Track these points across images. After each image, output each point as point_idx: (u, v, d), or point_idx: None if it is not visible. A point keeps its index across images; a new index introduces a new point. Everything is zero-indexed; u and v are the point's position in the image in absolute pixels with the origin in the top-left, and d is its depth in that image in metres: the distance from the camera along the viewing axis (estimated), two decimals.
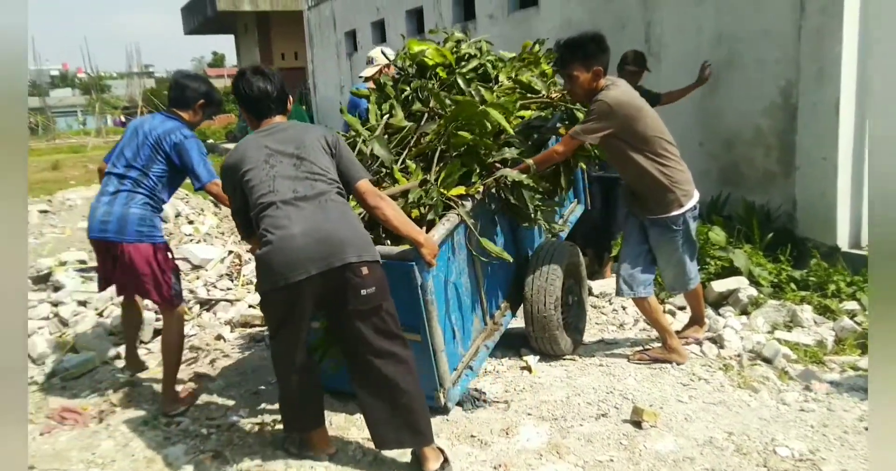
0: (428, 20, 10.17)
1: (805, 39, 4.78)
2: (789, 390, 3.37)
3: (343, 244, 2.57)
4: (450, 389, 3.12)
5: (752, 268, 4.55)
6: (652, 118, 3.45)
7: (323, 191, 2.67)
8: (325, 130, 2.91)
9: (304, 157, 2.71)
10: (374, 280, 2.61)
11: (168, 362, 3.42)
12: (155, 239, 3.41)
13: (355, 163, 2.83)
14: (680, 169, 3.51)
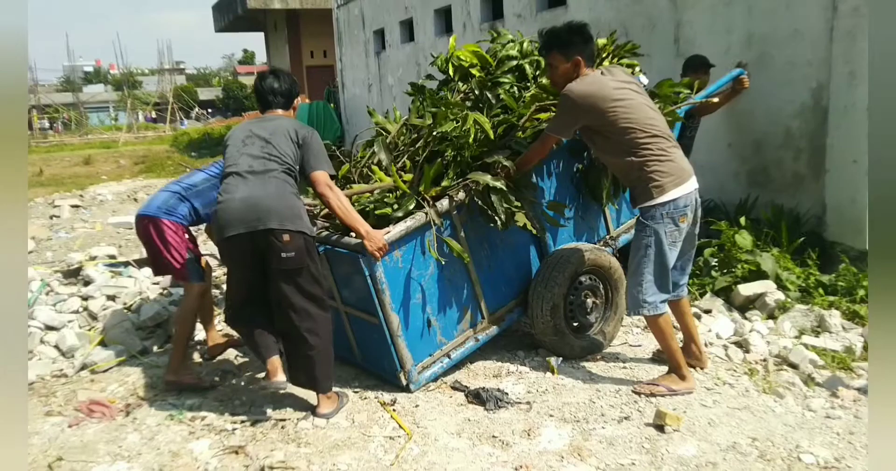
0: (456, 19, 10.17)
1: (837, 40, 4.70)
2: (815, 397, 3.33)
3: (269, 213, 3.09)
4: (411, 371, 3.47)
5: (779, 272, 4.49)
6: (629, 110, 3.24)
7: (271, 169, 3.19)
8: (302, 126, 3.37)
9: (270, 141, 3.25)
10: (293, 247, 3.10)
11: (177, 334, 3.76)
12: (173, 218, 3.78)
13: (319, 156, 3.29)
14: (660, 160, 3.24)
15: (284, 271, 3.14)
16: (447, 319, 3.65)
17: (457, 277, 3.65)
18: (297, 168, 3.28)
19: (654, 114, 3.34)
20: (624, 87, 3.32)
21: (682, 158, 3.32)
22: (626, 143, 3.27)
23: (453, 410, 3.32)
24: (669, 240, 3.28)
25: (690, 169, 3.34)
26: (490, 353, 4.01)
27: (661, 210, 3.25)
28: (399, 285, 3.41)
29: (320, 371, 3.26)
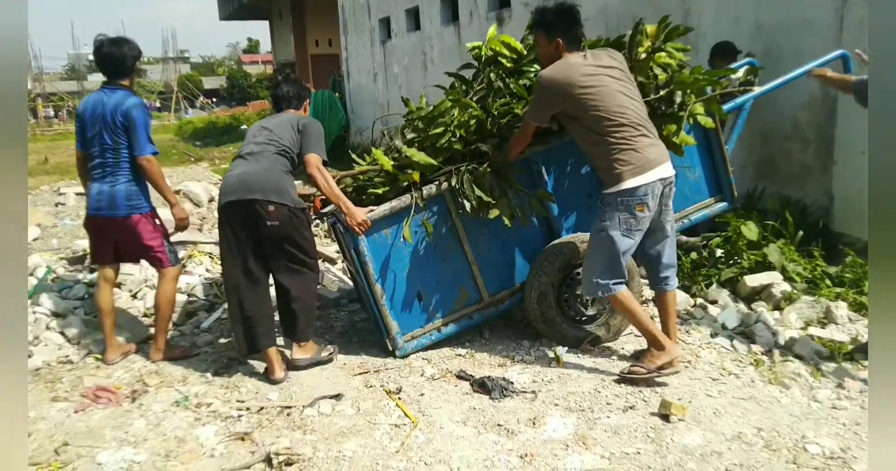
0: (462, 8, 10.11)
1: (847, 30, 4.65)
2: (821, 388, 3.32)
3: (256, 185, 3.50)
4: (396, 338, 3.78)
5: (785, 263, 4.47)
6: (598, 97, 3.23)
7: (265, 151, 3.64)
8: (304, 118, 3.81)
9: (273, 130, 3.71)
10: (277, 216, 3.49)
11: (161, 317, 3.91)
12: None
13: (314, 142, 3.67)
14: (622, 149, 3.22)
15: (270, 238, 3.55)
16: (441, 296, 3.89)
17: (452, 256, 3.87)
18: (294, 151, 3.67)
19: (627, 101, 3.28)
20: (599, 72, 3.28)
21: (649, 147, 3.26)
22: (594, 130, 3.28)
23: (458, 398, 3.32)
24: (623, 227, 3.28)
25: (658, 159, 3.27)
26: (496, 342, 4.01)
27: (617, 198, 3.26)
28: (385, 259, 3.74)
29: (300, 323, 3.68)
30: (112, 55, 3.76)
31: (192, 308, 4.65)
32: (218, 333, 4.30)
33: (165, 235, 3.95)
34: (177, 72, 40.47)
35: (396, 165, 3.84)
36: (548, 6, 3.46)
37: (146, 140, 3.74)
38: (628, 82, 3.37)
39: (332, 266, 5.71)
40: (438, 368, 3.69)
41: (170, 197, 3.89)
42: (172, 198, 3.92)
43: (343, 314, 4.73)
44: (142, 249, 3.88)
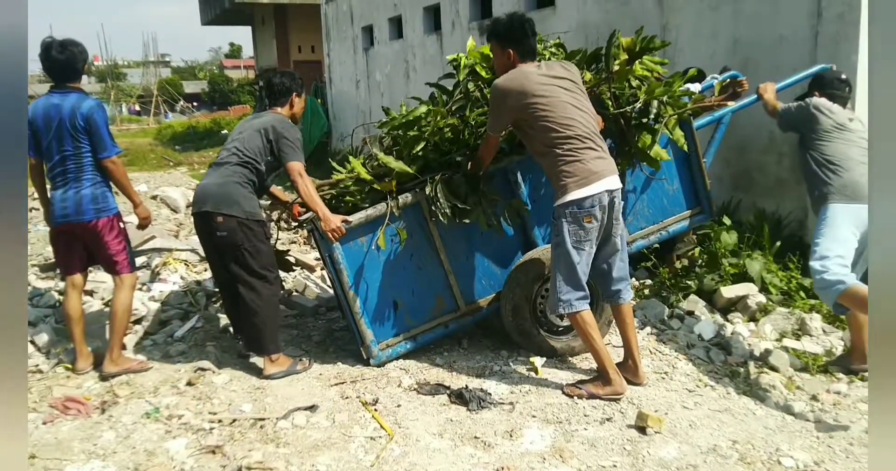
0: (445, 17, 10.14)
1: (822, 46, 4.73)
2: (796, 400, 3.34)
3: (208, 197, 3.63)
4: (371, 347, 3.77)
5: (764, 274, 4.51)
6: (547, 107, 3.23)
7: (228, 161, 3.70)
8: (280, 122, 3.75)
9: (243, 138, 3.75)
10: (225, 228, 3.59)
11: (117, 327, 3.80)
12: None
13: (291, 149, 3.68)
14: (567, 161, 3.23)
15: (222, 248, 3.67)
16: (416, 304, 3.89)
17: (429, 265, 3.87)
18: (261, 161, 3.72)
19: (576, 113, 3.27)
20: (551, 83, 3.28)
21: (595, 159, 3.25)
22: (543, 140, 3.29)
23: (436, 410, 3.30)
24: (573, 239, 3.27)
25: (605, 171, 3.26)
26: (474, 352, 4.00)
27: (565, 209, 3.26)
28: (360, 267, 3.76)
29: (263, 337, 3.71)
30: (61, 59, 3.64)
31: (165, 317, 4.58)
32: (192, 342, 4.24)
33: (128, 241, 3.87)
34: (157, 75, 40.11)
35: (373, 174, 3.83)
36: (499, 18, 3.47)
37: (109, 141, 3.66)
38: (580, 94, 3.37)
39: (311, 274, 5.67)
40: (416, 378, 3.67)
41: (134, 197, 3.85)
42: (136, 198, 3.87)
43: (321, 323, 4.69)
44: (104, 254, 3.78)
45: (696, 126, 4.14)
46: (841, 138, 3.56)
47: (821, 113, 3.63)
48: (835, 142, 3.55)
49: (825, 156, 3.55)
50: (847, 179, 3.44)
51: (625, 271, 3.49)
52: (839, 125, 3.59)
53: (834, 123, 3.59)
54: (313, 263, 5.80)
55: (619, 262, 3.46)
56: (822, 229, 3.41)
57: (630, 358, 3.51)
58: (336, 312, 4.80)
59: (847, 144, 3.54)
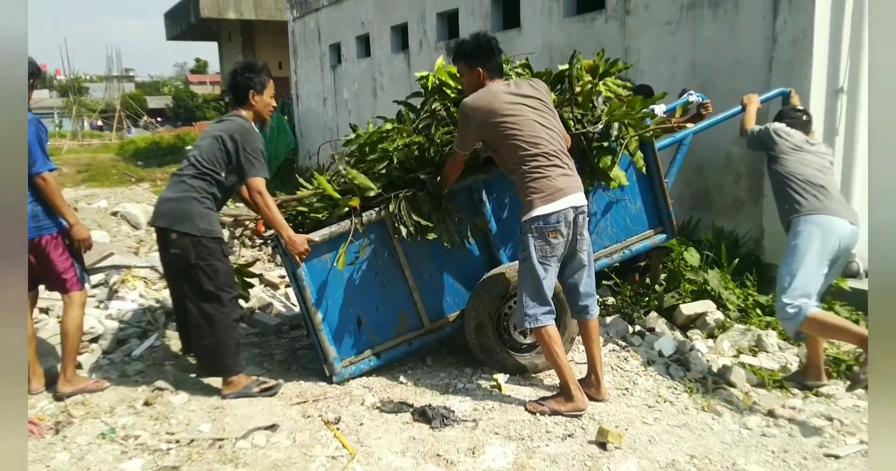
0: (413, 37, 10.22)
1: (776, 71, 4.90)
2: (752, 415, 3.41)
3: (164, 213, 3.53)
4: (334, 364, 3.75)
5: (721, 291, 4.61)
6: (515, 125, 3.29)
7: (185, 174, 3.55)
8: (238, 130, 3.53)
9: (201, 146, 3.57)
10: (179, 245, 3.47)
11: (69, 346, 3.69)
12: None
13: (250, 163, 3.50)
14: (534, 178, 3.29)
15: (176, 266, 3.56)
16: (380, 321, 3.88)
17: (393, 282, 3.87)
18: (217, 170, 3.54)
19: (542, 132, 3.33)
20: (519, 101, 3.34)
21: (561, 176, 3.31)
22: (511, 158, 3.35)
23: (398, 428, 3.28)
24: (539, 254, 3.32)
25: (570, 187, 3.32)
26: (438, 369, 4.00)
27: (531, 225, 3.31)
28: (324, 284, 3.73)
29: (216, 358, 3.60)
30: None
31: (123, 335, 4.48)
32: (150, 361, 4.16)
33: (76, 257, 3.74)
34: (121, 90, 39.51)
35: (339, 190, 3.83)
36: (465, 38, 3.54)
37: (41, 157, 3.49)
38: (547, 113, 3.42)
39: (275, 291, 5.62)
40: (380, 396, 3.65)
41: (69, 217, 3.66)
42: (72, 217, 3.67)
43: (284, 341, 4.64)
44: (49, 273, 3.64)
45: (658, 147, 4.24)
46: (797, 160, 3.73)
47: (778, 136, 3.81)
48: (792, 162, 3.73)
49: (785, 174, 3.72)
50: (807, 196, 3.61)
51: (591, 287, 3.54)
52: (796, 147, 3.77)
53: (791, 145, 3.78)
54: (277, 280, 5.75)
55: (585, 278, 3.50)
56: (789, 258, 3.55)
57: (593, 374, 3.55)
58: (299, 330, 4.76)
59: (804, 165, 3.71)
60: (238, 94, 3.66)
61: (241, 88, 3.64)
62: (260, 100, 3.67)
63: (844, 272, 4.81)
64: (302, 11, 14.34)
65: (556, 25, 7.20)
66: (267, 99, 3.70)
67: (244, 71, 3.64)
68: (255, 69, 3.66)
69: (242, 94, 3.64)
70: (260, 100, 3.67)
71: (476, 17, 8.55)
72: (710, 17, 5.41)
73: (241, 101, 3.66)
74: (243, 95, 3.64)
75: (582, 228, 3.40)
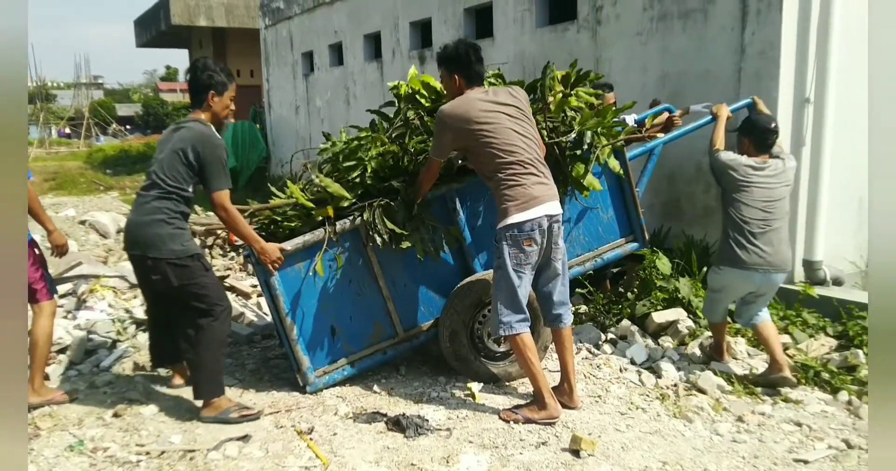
0: (385, 46, 10.24)
1: (744, 81, 5.00)
2: (723, 421, 3.45)
3: (137, 239, 3.37)
4: (307, 373, 3.73)
5: (692, 298, 4.67)
6: (491, 133, 3.30)
7: (150, 193, 3.36)
8: (197, 140, 3.32)
9: (162, 161, 3.37)
10: (158, 271, 3.34)
11: (37, 357, 3.63)
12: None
13: (215, 174, 3.33)
14: (508, 186, 3.30)
15: (158, 291, 3.45)
16: (354, 330, 3.87)
17: (367, 291, 3.86)
18: (183, 186, 3.37)
19: (518, 140, 3.33)
20: (496, 109, 3.35)
21: (535, 184, 3.32)
22: (488, 165, 3.37)
23: (372, 437, 3.26)
24: (514, 262, 3.33)
25: (545, 196, 3.32)
26: (412, 378, 3.99)
27: (505, 232, 3.32)
28: (297, 293, 3.71)
29: (200, 377, 3.47)
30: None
31: (91, 346, 4.40)
32: (119, 372, 4.08)
33: (45, 267, 3.70)
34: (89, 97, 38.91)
35: (312, 199, 3.82)
36: (448, 44, 3.56)
37: None
38: (524, 121, 3.42)
39: (247, 301, 5.56)
40: (353, 405, 3.63)
41: (47, 224, 3.68)
42: (50, 224, 3.70)
43: (256, 351, 4.59)
44: None
45: (629, 157, 4.29)
46: (742, 200, 3.81)
47: (727, 170, 3.87)
48: (738, 203, 3.82)
49: (730, 216, 3.85)
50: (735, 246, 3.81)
51: (565, 296, 3.56)
52: (743, 182, 3.82)
53: (739, 181, 3.83)
54: (249, 289, 5.69)
55: (560, 286, 3.52)
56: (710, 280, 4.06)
57: (566, 381, 3.56)
58: (272, 339, 4.72)
59: (746, 205, 3.80)
60: (196, 93, 3.42)
61: (200, 88, 3.41)
62: (219, 101, 3.44)
63: (811, 280, 4.92)
64: (274, 19, 14.29)
65: (528, 35, 7.27)
66: (227, 101, 3.47)
67: (204, 69, 3.41)
68: (215, 69, 3.43)
69: (201, 94, 3.41)
70: (219, 101, 3.44)
71: (449, 27, 8.60)
72: (679, 29, 5.51)
73: (199, 102, 3.43)
74: (202, 96, 3.41)
75: (557, 237, 3.42)
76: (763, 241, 3.76)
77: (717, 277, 3.96)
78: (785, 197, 3.85)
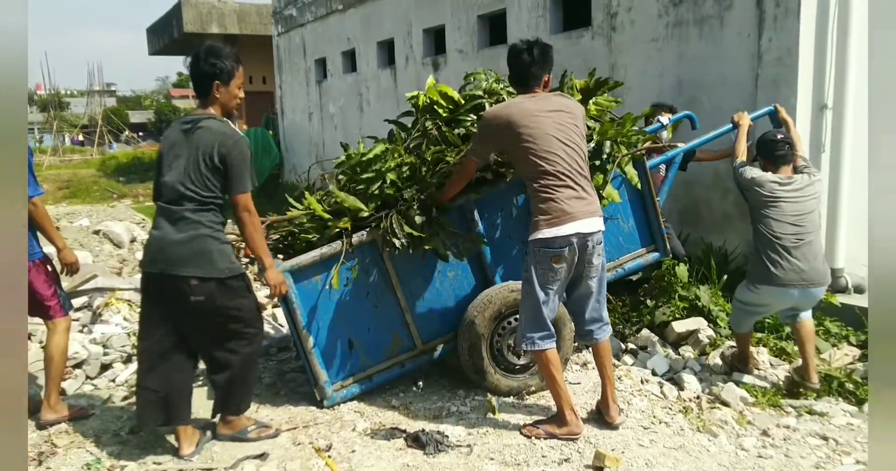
0: (399, 53, 10.23)
1: (762, 88, 4.94)
2: (747, 435, 3.39)
3: (178, 258, 3.03)
4: (325, 387, 3.68)
5: (712, 307, 4.61)
6: (531, 139, 3.18)
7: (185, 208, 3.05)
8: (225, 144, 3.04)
9: (188, 168, 3.05)
10: (202, 291, 3.05)
11: (53, 373, 3.58)
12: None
13: (240, 177, 3.08)
14: (541, 198, 3.19)
15: (197, 314, 3.12)
16: (372, 343, 3.82)
17: (385, 304, 3.82)
18: (217, 196, 3.11)
19: (559, 149, 3.18)
20: (541, 115, 3.21)
21: (571, 199, 3.17)
22: (525, 172, 3.27)
23: (391, 455, 3.22)
24: (541, 278, 3.23)
25: (579, 212, 3.17)
26: (431, 392, 3.95)
27: (535, 247, 3.23)
28: (314, 306, 3.67)
29: (232, 395, 3.31)
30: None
31: (107, 360, 4.39)
32: (135, 387, 4.06)
33: (58, 283, 3.68)
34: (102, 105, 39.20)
35: (329, 211, 3.79)
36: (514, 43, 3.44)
37: (31, 181, 3.42)
38: (571, 129, 3.26)
39: (263, 312, 5.53)
40: (371, 421, 3.59)
41: (57, 241, 3.62)
42: (60, 242, 3.64)
43: (272, 364, 4.57)
44: (32, 300, 3.51)
45: (649, 165, 4.24)
46: (771, 215, 3.73)
47: (753, 186, 3.80)
48: (768, 219, 3.74)
49: (761, 233, 3.76)
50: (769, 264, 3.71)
51: (598, 313, 3.43)
52: (770, 198, 3.74)
53: (765, 196, 3.76)
54: (263, 300, 5.67)
55: (593, 303, 3.39)
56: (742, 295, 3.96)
57: (603, 395, 3.49)
58: (288, 352, 4.69)
59: (777, 221, 3.72)
60: (201, 85, 3.09)
61: (204, 78, 3.08)
62: (225, 91, 3.13)
63: (833, 288, 4.84)
64: (287, 26, 14.34)
65: None
66: (234, 90, 3.15)
67: (207, 56, 3.06)
68: (221, 54, 3.10)
69: (206, 85, 3.08)
70: (225, 91, 3.13)
71: (462, 33, 8.58)
72: (695, 35, 5.45)
73: (205, 94, 3.11)
74: (207, 87, 3.09)
75: (591, 255, 3.25)
76: (797, 255, 3.68)
77: (753, 295, 3.85)
78: (815, 210, 3.78)
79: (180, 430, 3.23)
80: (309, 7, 13.06)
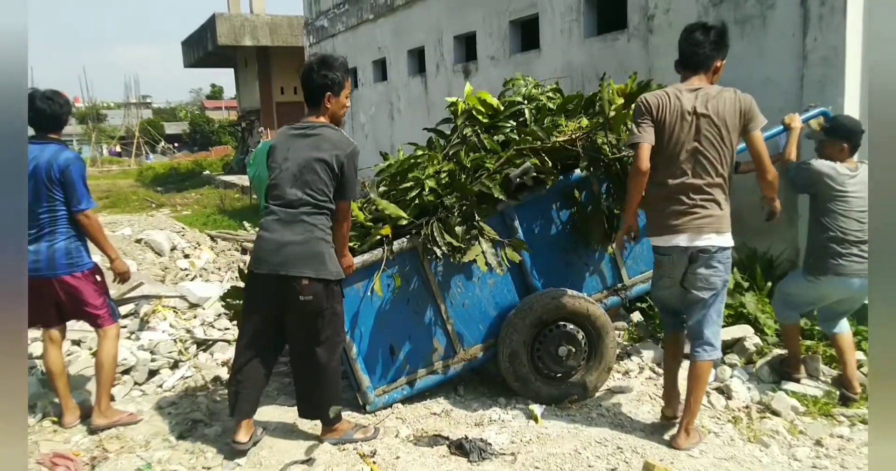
0: (429, 60, 10.28)
1: (807, 89, 4.83)
2: (800, 445, 3.30)
3: (294, 259, 3.13)
4: (367, 393, 3.71)
5: (758, 314, 4.51)
6: (667, 134, 3.07)
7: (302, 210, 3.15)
8: (345, 153, 3.17)
9: (306, 171, 3.15)
10: (311, 291, 3.14)
11: (104, 379, 3.66)
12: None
13: (352, 184, 3.23)
14: (653, 203, 3.20)
15: (300, 313, 3.20)
16: (413, 349, 3.84)
17: (425, 311, 3.83)
18: (329, 200, 3.20)
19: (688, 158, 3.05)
20: (682, 116, 3.04)
21: (675, 214, 3.12)
22: (654, 164, 3.13)
23: (435, 462, 3.21)
24: (656, 277, 3.45)
25: (680, 226, 3.13)
26: (471, 399, 3.93)
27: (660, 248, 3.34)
28: (356, 312, 3.69)
29: (323, 405, 3.36)
30: (45, 110, 3.53)
31: (154, 366, 4.46)
32: (182, 392, 4.12)
33: (106, 292, 3.75)
34: (139, 117, 40.11)
35: (371, 218, 3.80)
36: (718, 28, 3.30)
37: (84, 194, 3.53)
38: (712, 137, 3.07)
39: None
40: (414, 427, 3.58)
41: (110, 252, 3.68)
42: (112, 252, 3.70)
43: None
44: (82, 309, 3.64)
45: None
46: (839, 210, 3.66)
47: (824, 179, 3.70)
48: (835, 213, 3.67)
49: (825, 226, 3.68)
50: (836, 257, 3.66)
51: (697, 331, 3.28)
52: (840, 192, 3.66)
53: (836, 190, 3.67)
54: None
55: (695, 316, 3.28)
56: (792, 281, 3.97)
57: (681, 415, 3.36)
58: None
59: (845, 216, 3.64)
60: (313, 96, 3.22)
61: (315, 89, 3.20)
62: (336, 102, 3.25)
63: None
64: (318, 37, 14.50)
65: (576, 46, 7.19)
66: (343, 100, 3.28)
67: (320, 68, 3.18)
68: (332, 66, 3.20)
69: (318, 96, 3.21)
70: (336, 102, 3.25)
71: (494, 39, 8.58)
72: (737, 35, 5.36)
73: (316, 104, 3.23)
74: (318, 98, 3.21)
75: (697, 267, 3.15)
76: (861, 249, 3.62)
77: (809, 286, 3.80)
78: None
79: (242, 422, 3.33)
80: (340, 18, 13.20)
